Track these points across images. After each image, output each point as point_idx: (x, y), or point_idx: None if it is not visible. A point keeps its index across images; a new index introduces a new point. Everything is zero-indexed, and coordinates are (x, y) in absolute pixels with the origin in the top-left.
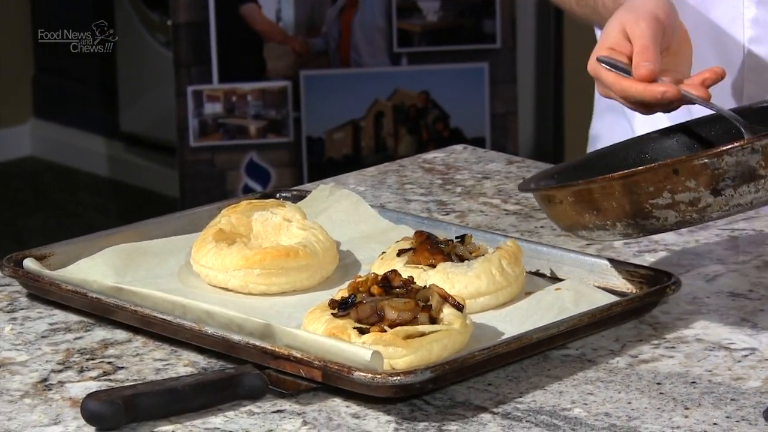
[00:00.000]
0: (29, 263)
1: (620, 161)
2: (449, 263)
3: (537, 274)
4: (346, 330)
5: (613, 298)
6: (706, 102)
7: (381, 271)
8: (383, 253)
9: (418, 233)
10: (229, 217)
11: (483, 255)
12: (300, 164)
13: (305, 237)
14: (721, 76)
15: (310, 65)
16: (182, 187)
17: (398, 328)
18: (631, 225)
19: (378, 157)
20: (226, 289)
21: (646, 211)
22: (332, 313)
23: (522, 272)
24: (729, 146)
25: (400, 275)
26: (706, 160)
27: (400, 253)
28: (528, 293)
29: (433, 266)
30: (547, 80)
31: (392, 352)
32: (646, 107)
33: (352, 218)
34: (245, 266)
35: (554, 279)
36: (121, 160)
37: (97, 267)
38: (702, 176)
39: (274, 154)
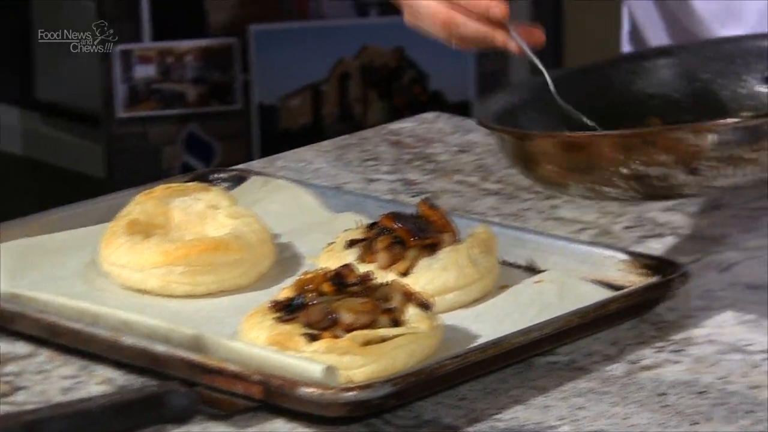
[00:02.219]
0: None
1: (605, 81)
2: None
3: (513, 265)
4: (293, 337)
5: (607, 293)
6: (528, 47)
7: (329, 266)
8: (330, 244)
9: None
10: (143, 204)
11: (451, 243)
12: (250, 137)
13: (236, 227)
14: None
15: (261, 18)
16: (109, 165)
17: (355, 332)
18: (590, 189)
19: (343, 128)
20: (144, 291)
21: (607, 178)
22: (276, 318)
23: (496, 263)
24: (714, 123)
25: (355, 270)
26: (685, 135)
27: (351, 244)
28: (503, 287)
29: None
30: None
31: (349, 362)
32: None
33: (290, 210)
34: (166, 263)
35: (532, 270)
36: (36, 134)
37: None
38: (678, 152)
39: (218, 125)
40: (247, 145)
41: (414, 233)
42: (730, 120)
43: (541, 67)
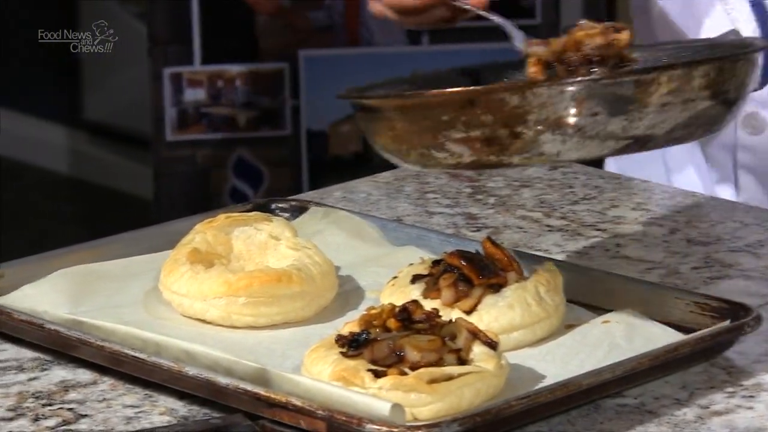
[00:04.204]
0: None
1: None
2: None
3: (579, 303)
4: (358, 373)
5: (676, 335)
6: (477, 8)
7: (392, 300)
8: (393, 278)
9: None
10: (204, 233)
11: (516, 281)
12: (299, 163)
13: (298, 258)
14: None
15: (312, 44)
16: (157, 188)
17: (422, 370)
18: (425, 156)
19: None
20: (204, 321)
21: (439, 142)
22: (341, 353)
23: (562, 301)
24: (536, 81)
25: (422, 307)
26: (505, 95)
27: (415, 279)
28: (569, 326)
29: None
30: None
31: (415, 399)
32: (410, 15)
33: (351, 242)
34: (228, 293)
35: (599, 309)
36: (83, 154)
37: (46, 295)
38: (500, 112)
39: (267, 150)
40: (296, 171)
41: (480, 272)
42: (551, 78)
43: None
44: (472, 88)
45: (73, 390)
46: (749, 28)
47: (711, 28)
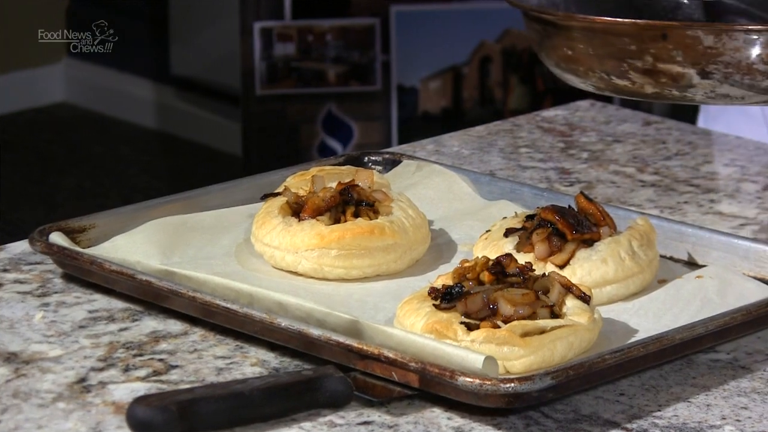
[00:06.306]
0: (56, 238)
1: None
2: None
3: (672, 258)
4: (451, 325)
5: None
6: None
7: (486, 254)
8: (487, 231)
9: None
10: (296, 186)
11: (609, 235)
12: (388, 118)
13: (391, 211)
14: None
15: None
16: (246, 143)
17: (514, 323)
18: (604, 80)
19: (483, 112)
20: (296, 273)
21: (622, 69)
22: (434, 305)
23: (655, 256)
24: (732, 26)
25: (516, 260)
26: (700, 33)
27: (508, 233)
28: (662, 281)
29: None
30: None
31: (508, 352)
32: None
33: (444, 196)
34: (320, 246)
35: (692, 265)
36: (172, 109)
37: (138, 245)
38: (692, 51)
39: (357, 105)
40: (386, 126)
41: (574, 227)
42: (752, 25)
43: None
44: (667, 22)
45: (164, 341)
46: None
47: None
